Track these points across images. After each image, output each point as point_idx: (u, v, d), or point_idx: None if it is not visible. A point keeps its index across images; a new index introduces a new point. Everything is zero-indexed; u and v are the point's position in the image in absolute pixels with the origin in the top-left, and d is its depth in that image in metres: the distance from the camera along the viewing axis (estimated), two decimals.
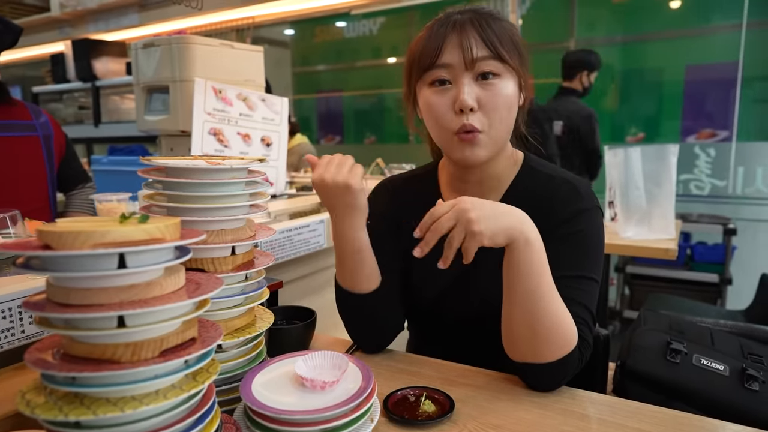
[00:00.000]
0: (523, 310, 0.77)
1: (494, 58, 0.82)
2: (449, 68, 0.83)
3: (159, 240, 0.52)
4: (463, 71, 0.82)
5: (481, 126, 0.82)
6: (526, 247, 0.75)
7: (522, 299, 0.76)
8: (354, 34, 5.22)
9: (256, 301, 0.76)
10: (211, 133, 1.67)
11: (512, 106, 0.85)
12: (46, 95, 3.41)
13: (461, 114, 0.82)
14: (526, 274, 0.75)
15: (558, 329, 0.77)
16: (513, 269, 0.76)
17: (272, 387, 0.67)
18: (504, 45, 0.82)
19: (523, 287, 0.76)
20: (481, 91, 0.82)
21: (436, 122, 0.86)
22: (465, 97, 0.81)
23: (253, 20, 2.93)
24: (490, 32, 0.82)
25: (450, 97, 0.83)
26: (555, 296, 0.77)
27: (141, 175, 0.72)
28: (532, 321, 0.76)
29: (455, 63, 0.82)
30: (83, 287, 0.50)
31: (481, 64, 0.81)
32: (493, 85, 0.82)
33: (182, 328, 0.55)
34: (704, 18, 3.67)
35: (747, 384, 1.02)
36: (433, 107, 0.85)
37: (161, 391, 0.52)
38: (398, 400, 0.76)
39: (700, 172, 3.58)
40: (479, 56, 0.81)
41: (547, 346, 0.77)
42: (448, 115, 0.84)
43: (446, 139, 0.86)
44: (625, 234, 2.05)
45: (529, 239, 0.75)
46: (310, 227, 1.42)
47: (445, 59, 0.83)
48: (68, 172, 1.79)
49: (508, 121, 0.85)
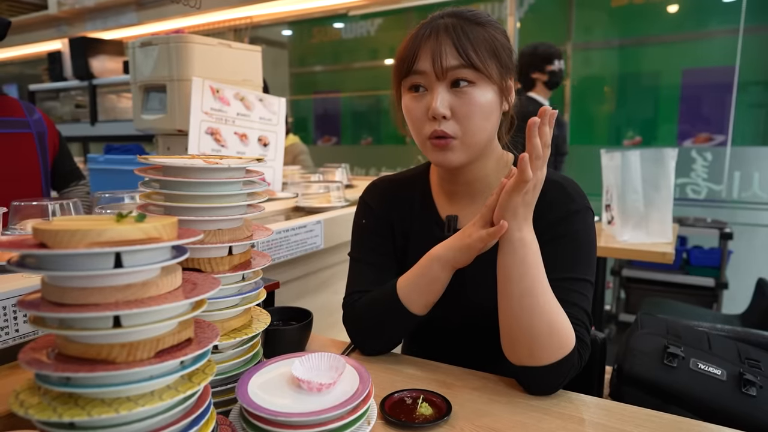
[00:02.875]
0: (520, 311, 0.76)
1: (466, 66, 0.81)
2: (423, 75, 0.83)
3: (156, 239, 0.51)
4: (435, 80, 0.83)
5: (454, 133, 0.83)
6: (522, 244, 0.75)
7: (518, 300, 0.76)
8: (351, 35, 5.22)
9: (252, 301, 0.75)
10: (208, 133, 1.67)
11: (489, 113, 0.84)
12: (43, 93, 3.40)
13: (434, 120, 0.83)
14: (521, 274, 0.75)
15: (556, 331, 0.76)
16: (508, 269, 0.76)
17: (268, 388, 0.67)
18: (479, 53, 0.81)
19: (519, 288, 0.76)
20: (454, 98, 0.82)
21: (413, 126, 0.87)
22: (436, 105, 0.81)
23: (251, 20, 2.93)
24: (465, 40, 0.81)
25: (425, 104, 0.84)
26: (551, 297, 0.77)
27: (138, 174, 0.72)
28: (530, 323, 0.76)
29: (427, 70, 0.83)
30: (79, 286, 0.49)
31: (454, 72, 0.82)
32: (466, 93, 0.82)
33: (178, 329, 0.55)
34: (701, 22, 3.69)
35: (744, 389, 1.02)
36: (410, 112, 0.86)
37: (156, 392, 0.52)
38: (395, 402, 0.76)
39: (696, 176, 3.59)
40: (450, 65, 0.81)
41: (546, 348, 0.76)
42: (423, 120, 0.85)
43: (422, 143, 0.88)
44: (622, 237, 2.05)
45: (524, 238, 0.75)
46: (307, 228, 1.42)
47: (420, 66, 0.83)
48: (62, 170, 1.78)
49: (483, 128, 0.84)
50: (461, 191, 0.95)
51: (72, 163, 1.84)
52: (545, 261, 0.82)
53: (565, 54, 4.10)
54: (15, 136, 1.62)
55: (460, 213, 0.95)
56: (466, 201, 0.95)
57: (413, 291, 0.87)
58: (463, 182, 0.93)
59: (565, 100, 4.13)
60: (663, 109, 3.86)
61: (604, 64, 4.08)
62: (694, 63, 3.72)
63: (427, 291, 0.86)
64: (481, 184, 0.93)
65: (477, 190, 0.94)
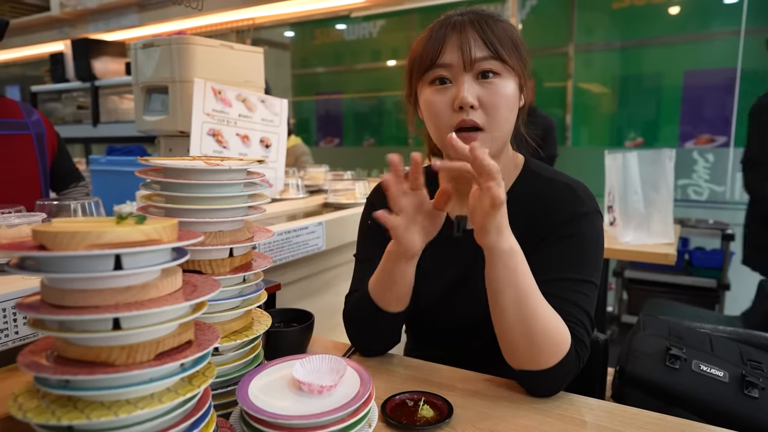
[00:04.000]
0: (514, 320, 0.76)
1: (494, 58, 0.82)
2: (449, 68, 0.83)
3: (156, 241, 0.51)
4: (462, 71, 0.82)
5: (482, 123, 0.82)
6: (511, 254, 0.75)
7: (512, 310, 0.76)
8: (354, 36, 5.22)
9: (253, 303, 0.75)
10: (209, 134, 1.67)
11: (513, 106, 0.85)
12: (45, 95, 3.40)
13: (461, 111, 0.82)
14: (512, 281, 0.75)
15: (551, 335, 0.76)
16: (499, 278, 0.76)
17: (269, 391, 0.67)
18: (504, 45, 0.82)
19: (512, 297, 0.75)
20: (481, 89, 0.82)
21: (436, 120, 0.86)
22: (465, 94, 0.81)
23: (253, 21, 2.93)
24: (490, 33, 0.82)
25: (450, 96, 0.84)
26: (543, 302, 0.77)
27: (139, 176, 0.71)
28: (525, 330, 0.76)
29: (455, 63, 0.82)
30: (78, 288, 0.49)
31: (481, 63, 0.82)
32: (493, 84, 0.82)
33: (178, 331, 0.55)
34: (703, 24, 3.68)
35: (747, 391, 1.02)
36: (432, 105, 0.85)
37: (156, 395, 0.52)
38: (396, 404, 0.76)
39: (698, 177, 3.58)
40: (479, 56, 0.81)
41: (543, 352, 0.76)
42: (448, 112, 0.84)
43: (443, 137, 0.86)
44: (624, 239, 2.05)
45: (513, 247, 0.75)
46: (308, 229, 1.42)
47: (445, 59, 0.83)
48: (61, 171, 1.78)
49: (509, 120, 0.85)
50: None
51: (71, 164, 1.84)
52: (551, 260, 0.82)
53: (567, 55, 4.10)
54: (13, 137, 1.62)
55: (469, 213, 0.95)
56: None
57: (381, 289, 0.88)
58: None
59: (567, 102, 4.13)
60: (665, 110, 3.85)
61: (606, 65, 4.07)
62: (695, 64, 3.71)
63: (391, 286, 0.86)
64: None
65: None
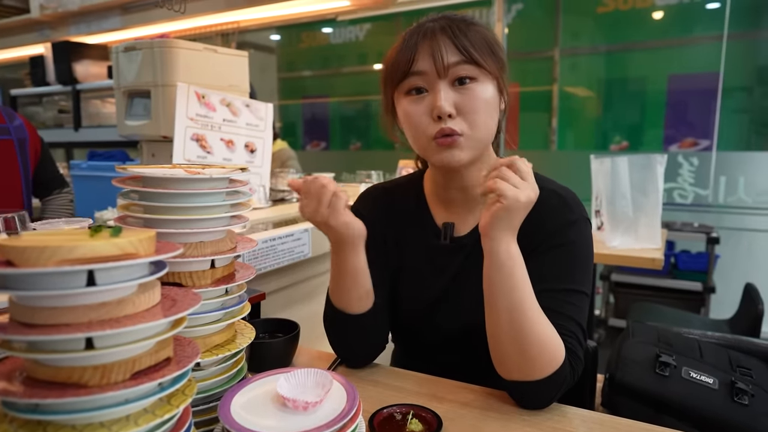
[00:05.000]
0: (508, 327, 0.75)
1: (468, 62, 0.81)
2: (423, 76, 0.82)
3: (132, 255, 0.49)
4: (437, 78, 0.81)
5: (461, 129, 0.81)
6: (509, 257, 0.73)
7: (507, 315, 0.75)
8: (340, 40, 5.20)
9: (236, 316, 0.73)
10: (193, 139, 1.64)
11: (493, 110, 0.84)
12: (25, 98, 3.33)
13: (439, 120, 0.81)
14: (509, 288, 0.74)
15: (545, 345, 0.75)
16: (496, 284, 0.75)
17: (252, 408, 0.64)
18: (478, 48, 0.81)
19: (508, 302, 0.74)
20: (458, 95, 0.81)
21: (415, 130, 0.84)
22: (442, 103, 0.80)
23: (238, 25, 2.90)
24: (462, 37, 0.81)
25: (427, 105, 0.82)
26: (539, 311, 0.76)
27: (116, 185, 0.69)
28: (519, 338, 0.74)
29: (429, 70, 0.81)
30: (49, 306, 0.46)
31: (455, 69, 0.81)
32: (470, 89, 0.81)
33: (156, 348, 0.52)
34: (686, 29, 3.73)
35: (736, 398, 1.01)
36: (410, 116, 0.84)
37: (132, 417, 0.49)
38: (384, 418, 0.73)
39: (683, 181, 3.62)
40: (452, 62, 0.80)
41: (536, 362, 0.75)
42: (426, 122, 0.83)
43: (425, 146, 0.85)
44: (612, 243, 2.05)
45: (511, 250, 0.74)
46: (294, 236, 1.39)
47: (419, 67, 0.82)
48: (44, 177, 1.73)
49: (489, 125, 0.84)
50: (457, 198, 0.93)
51: (55, 170, 1.80)
52: (540, 270, 0.81)
53: (553, 59, 4.12)
54: None
55: (456, 220, 0.94)
56: (462, 208, 0.93)
57: (337, 290, 0.88)
58: (459, 188, 0.92)
59: (553, 106, 4.15)
60: (649, 114, 3.89)
61: (591, 69, 4.10)
62: (679, 69, 3.76)
63: (343, 283, 0.86)
64: (478, 190, 0.92)
65: (472, 197, 0.92)
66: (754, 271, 3.38)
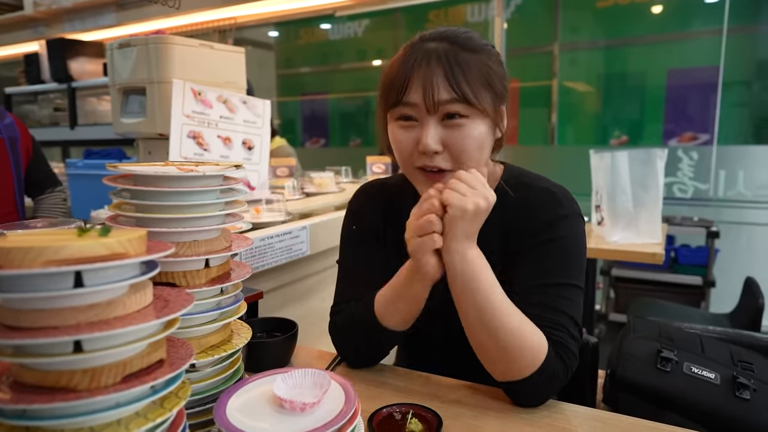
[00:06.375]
0: (480, 330, 0.75)
1: (459, 101, 0.77)
2: (414, 107, 0.79)
3: (121, 255, 0.47)
4: (426, 113, 0.78)
5: (447, 166, 0.80)
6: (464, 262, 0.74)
7: (477, 319, 0.75)
8: (339, 36, 5.18)
9: (232, 316, 0.72)
10: (190, 136, 1.62)
11: (482, 146, 0.81)
12: (20, 96, 3.31)
13: (425, 155, 0.79)
14: (471, 291, 0.74)
15: (523, 342, 0.75)
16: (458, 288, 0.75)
17: (248, 410, 0.63)
18: (472, 85, 0.77)
19: (474, 305, 0.74)
20: (446, 132, 0.78)
21: (400, 156, 0.84)
22: (427, 141, 0.77)
23: (234, 21, 2.88)
24: (458, 71, 0.77)
25: (414, 136, 0.80)
26: (511, 309, 0.76)
27: (107, 184, 0.67)
28: (495, 339, 0.75)
29: (419, 103, 0.78)
30: (35, 308, 0.45)
31: (446, 106, 0.77)
32: (460, 127, 0.78)
33: (148, 350, 0.51)
34: (685, 23, 3.71)
35: (738, 392, 1.00)
36: (398, 143, 0.82)
37: (123, 421, 0.48)
38: (383, 418, 0.72)
39: (683, 175, 3.61)
40: (443, 99, 0.77)
41: (518, 361, 0.75)
42: (411, 152, 0.81)
43: (411, 174, 0.85)
44: (612, 238, 2.04)
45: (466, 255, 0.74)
46: (292, 234, 1.38)
47: (410, 98, 0.79)
48: (36, 176, 1.71)
49: (477, 159, 0.81)
50: None
51: (47, 168, 1.78)
52: (533, 266, 0.80)
53: (552, 54, 4.10)
54: None
55: None
56: None
57: (390, 308, 0.84)
58: None
59: (552, 101, 4.14)
60: (649, 108, 3.88)
61: (591, 64, 4.09)
62: (678, 63, 3.74)
63: (405, 307, 0.83)
64: None
65: None
66: (754, 264, 3.38)
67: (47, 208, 1.74)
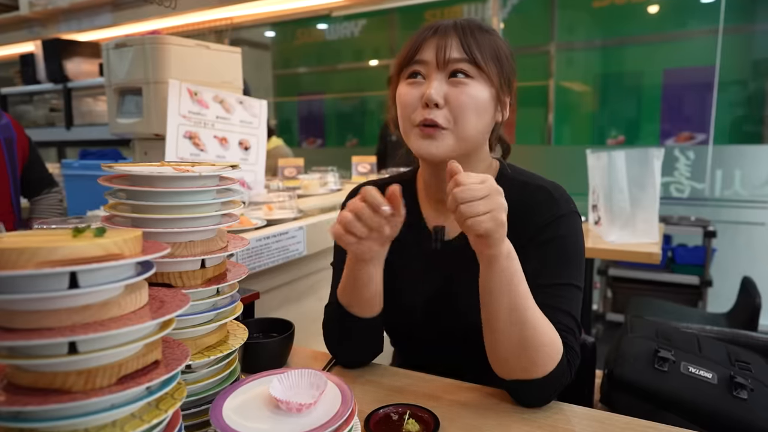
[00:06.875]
0: (508, 326, 0.74)
1: (468, 62, 0.81)
2: (424, 65, 0.83)
3: (116, 256, 0.47)
4: (435, 69, 0.82)
5: (445, 122, 0.81)
6: (509, 258, 0.72)
7: (506, 315, 0.73)
8: (335, 36, 5.17)
9: (228, 316, 0.71)
10: (186, 137, 1.61)
11: (482, 111, 0.83)
12: (16, 97, 3.29)
13: (426, 108, 0.82)
14: (508, 288, 0.73)
15: (545, 342, 0.74)
16: (494, 283, 0.73)
17: (244, 411, 0.63)
18: (483, 52, 0.82)
19: (507, 302, 0.73)
20: (450, 89, 0.82)
21: (403, 112, 0.86)
22: (431, 92, 0.81)
23: (231, 21, 2.87)
24: (471, 38, 0.82)
25: (420, 91, 0.83)
26: (536, 309, 0.75)
27: (102, 184, 0.67)
28: (520, 337, 0.73)
29: (429, 60, 0.82)
30: (30, 309, 0.45)
31: (455, 64, 0.81)
32: (463, 84, 0.82)
33: (144, 351, 0.51)
34: (682, 23, 3.72)
35: (735, 392, 1.00)
36: (402, 97, 0.85)
37: (119, 423, 0.48)
38: (380, 419, 0.72)
39: (680, 175, 3.61)
40: (453, 57, 0.81)
41: (538, 361, 0.74)
42: (415, 107, 0.84)
43: (408, 131, 0.86)
44: (609, 238, 2.04)
45: (510, 251, 0.73)
46: (288, 234, 1.38)
47: (421, 56, 0.83)
48: (32, 177, 1.71)
49: (475, 125, 0.82)
50: None
51: (43, 169, 1.77)
52: (532, 267, 0.80)
53: (549, 54, 4.11)
54: None
55: (447, 221, 0.92)
56: None
57: (348, 294, 0.86)
58: None
59: (549, 100, 4.14)
60: (645, 108, 3.88)
61: (587, 64, 4.09)
62: (675, 63, 3.75)
63: (358, 291, 0.84)
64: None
65: None
66: (751, 264, 3.38)
67: (43, 209, 1.74)
